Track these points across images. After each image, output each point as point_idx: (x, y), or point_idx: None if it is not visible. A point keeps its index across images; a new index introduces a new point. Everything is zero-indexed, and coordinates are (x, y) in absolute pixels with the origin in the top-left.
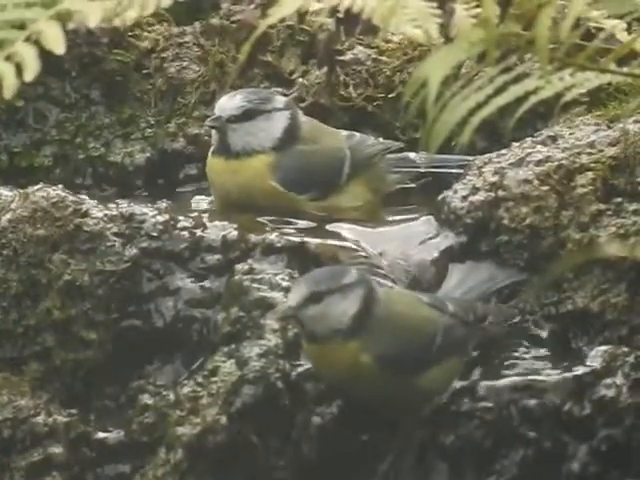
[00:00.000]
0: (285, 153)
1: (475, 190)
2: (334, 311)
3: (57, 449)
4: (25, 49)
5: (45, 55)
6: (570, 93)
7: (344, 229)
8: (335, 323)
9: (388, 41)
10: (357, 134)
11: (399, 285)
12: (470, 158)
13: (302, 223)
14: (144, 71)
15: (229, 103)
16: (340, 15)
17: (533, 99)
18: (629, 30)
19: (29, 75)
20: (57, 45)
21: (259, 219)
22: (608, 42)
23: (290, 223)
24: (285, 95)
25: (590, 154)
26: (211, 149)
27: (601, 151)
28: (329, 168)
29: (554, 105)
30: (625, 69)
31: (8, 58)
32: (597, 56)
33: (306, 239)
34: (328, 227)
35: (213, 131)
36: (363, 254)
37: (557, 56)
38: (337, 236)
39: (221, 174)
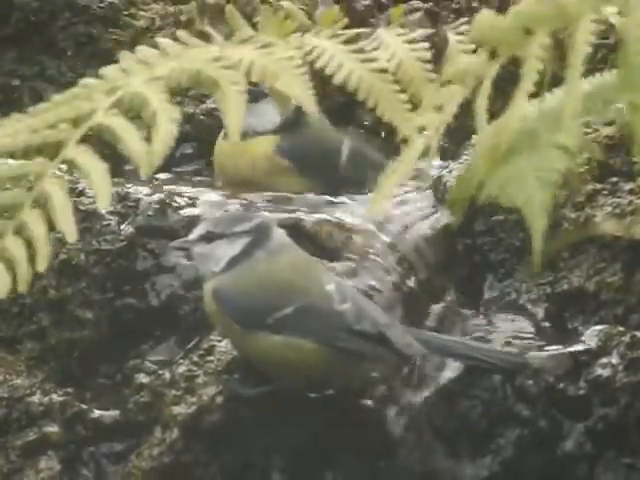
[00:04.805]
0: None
1: None
2: (216, 254)
3: (52, 428)
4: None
5: (40, 33)
6: None
7: (340, 206)
8: (213, 265)
9: None
10: None
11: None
12: None
13: (298, 201)
14: None
15: None
16: None
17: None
18: None
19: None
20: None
21: (253, 199)
22: None
23: (286, 202)
24: None
25: (586, 133)
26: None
27: (597, 130)
28: None
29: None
30: None
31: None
32: None
33: (302, 217)
34: (324, 205)
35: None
36: (358, 230)
37: None
38: (333, 214)
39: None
